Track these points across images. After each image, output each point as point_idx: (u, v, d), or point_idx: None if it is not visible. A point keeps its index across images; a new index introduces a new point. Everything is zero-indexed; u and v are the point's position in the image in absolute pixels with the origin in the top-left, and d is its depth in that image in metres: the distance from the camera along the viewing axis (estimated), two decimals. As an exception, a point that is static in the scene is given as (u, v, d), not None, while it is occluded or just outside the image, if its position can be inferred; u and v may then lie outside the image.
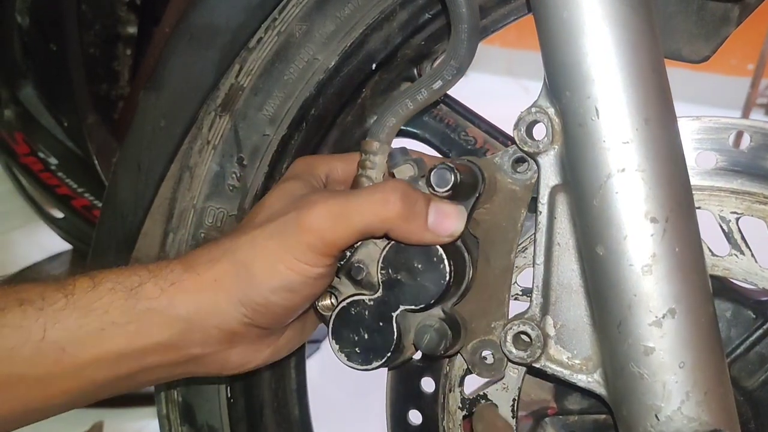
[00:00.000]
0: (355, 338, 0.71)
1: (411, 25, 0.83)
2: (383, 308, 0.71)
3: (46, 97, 1.04)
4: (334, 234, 0.68)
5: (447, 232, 0.69)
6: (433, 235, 0.69)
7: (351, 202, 0.69)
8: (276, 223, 0.70)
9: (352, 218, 0.68)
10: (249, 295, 0.69)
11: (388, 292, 0.71)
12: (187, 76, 0.85)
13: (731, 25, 0.74)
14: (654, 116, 0.60)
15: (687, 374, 0.60)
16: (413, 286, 0.70)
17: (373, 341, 0.71)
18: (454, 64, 0.73)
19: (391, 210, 0.67)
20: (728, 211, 0.70)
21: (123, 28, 1.00)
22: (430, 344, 0.71)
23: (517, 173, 0.74)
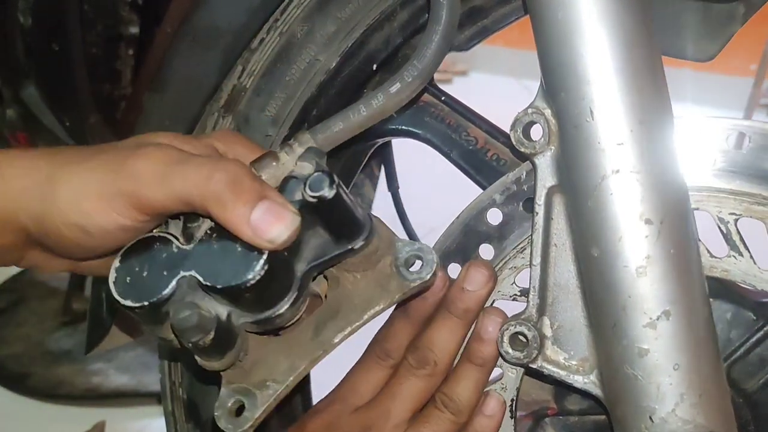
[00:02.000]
0: (136, 269, 0.64)
1: (411, 26, 0.83)
2: (178, 261, 0.63)
3: (49, 96, 1.04)
4: (150, 192, 0.61)
5: (267, 235, 0.60)
6: (251, 233, 0.60)
7: (180, 165, 0.61)
8: (106, 155, 0.64)
9: (174, 182, 0.61)
10: (43, 217, 0.63)
11: (195, 252, 0.63)
12: (190, 77, 0.86)
13: (736, 23, 0.74)
14: (649, 118, 0.60)
15: (681, 376, 0.60)
16: (218, 262, 0.62)
17: (146, 281, 0.63)
18: (416, 65, 0.70)
19: (211, 187, 0.60)
20: (727, 212, 0.69)
21: (125, 28, 1.01)
22: (184, 321, 0.61)
23: (406, 270, 0.68)
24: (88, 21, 0.98)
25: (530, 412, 0.83)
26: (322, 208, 0.63)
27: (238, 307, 0.64)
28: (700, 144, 0.71)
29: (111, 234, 0.63)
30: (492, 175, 0.85)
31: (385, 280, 0.68)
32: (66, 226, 0.63)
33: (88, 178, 0.63)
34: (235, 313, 0.64)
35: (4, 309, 2.38)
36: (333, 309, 0.69)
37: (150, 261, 0.64)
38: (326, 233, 0.65)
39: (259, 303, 0.64)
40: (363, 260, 0.68)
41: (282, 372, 0.67)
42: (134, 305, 0.63)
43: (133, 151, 0.63)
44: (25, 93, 1.03)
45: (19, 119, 1.06)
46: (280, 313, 0.65)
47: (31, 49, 0.99)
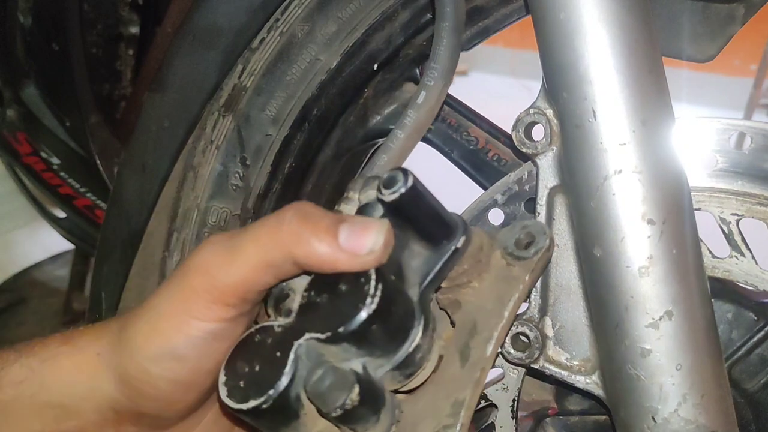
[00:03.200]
0: (245, 369, 0.55)
1: (412, 26, 0.83)
2: (287, 335, 0.55)
3: (49, 97, 1.04)
4: (226, 273, 0.54)
5: (364, 248, 0.54)
6: (348, 256, 0.53)
7: (244, 233, 0.55)
8: (167, 280, 0.57)
9: (247, 249, 0.54)
10: (126, 367, 0.55)
11: (300, 318, 0.56)
12: (191, 77, 0.86)
13: (736, 23, 0.74)
14: (651, 118, 0.60)
15: (684, 376, 0.60)
16: (329, 310, 0.55)
17: (261, 374, 0.55)
18: (434, 67, 0.68)
19: (285, 230, 0.53)
20: (729, 213, 0.69)
21: (125, 28, 1.00)
22: (320, 383, 0.53)
23: (522, 251, 0.62)
24: (88, 21, 0.98)
25: (531, 412, 0.83)
26: (406, 209, 0.57)
27: (370, 354, 0.56)
28: (701, 144, 0.71)
29: (200, 349, 0.55)
30: (493, 175, 0.85)
31: (505, 272, 0.62)
32: (152, 361, 0.54)
33: (157, 306, 0.56)
34: (370, 364, 0.57)
35: (4, 309, 2.37)
36: (468, 328, 0.61)
37: (257, 353, 0.56)
38: (423, 247, 0.60)
39: (389, 339, 0.56)
40: (473, 265, 0.61)
41: (449, 414, 0.57)
42: (259, 402, 0.53)
43: (188, 257, 0.56)
44: (25, 93, 1.03)
45: (19, 119, 1.06)
46: (416, 346, 0.57)
47: (31, 49, 0.99)
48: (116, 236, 0.94)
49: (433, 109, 0.71)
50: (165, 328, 0.54)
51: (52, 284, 2.41)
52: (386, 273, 0.56)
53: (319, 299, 0.56)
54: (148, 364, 0.55)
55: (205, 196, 0.89)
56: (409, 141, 0.71)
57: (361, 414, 0.55)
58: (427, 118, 0.71)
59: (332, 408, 0.53)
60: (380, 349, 0.56)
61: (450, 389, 0.59)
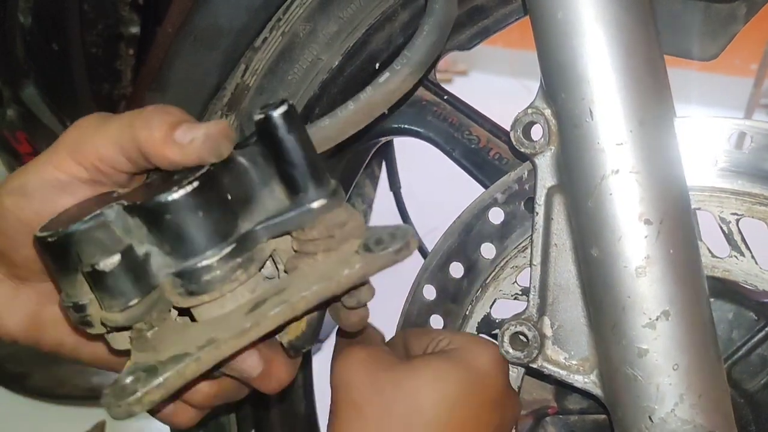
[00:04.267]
0: (67, 215, 0.59)
1: (413, 26, 0.83)
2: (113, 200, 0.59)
3: (49, 96, 1.04)
4: (87, 139, 0.59)
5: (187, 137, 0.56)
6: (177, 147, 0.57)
7: (114, 116, 0.60)
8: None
9: (110, 125, 0.59)
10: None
11: (132, 191, 0.61)
12: (192, 77, 0.86)
13: (739, 22, 0.74)
14: (649, 118, 0.60)
15: (681, 376, 0.60)
16: (149, 189, 0.58)
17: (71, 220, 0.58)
18: (406, 54, 0.67)
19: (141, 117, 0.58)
20: (728, 213, 0.69)
21: (125, 27, 1.00)
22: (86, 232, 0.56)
23: (369, 247, 0.59)
24: (88, 21, 0.98)
25: (531, 411, 0.83)
26: (272, 138, 0.57)
27: (159, 246, 0.56)
28: (701, 144, 0.70)
29: (48, 194, 0.59)
30: (494, 174, 0.85)
31: (347, 257, 0.59)
32: (7, 193, 0.60)
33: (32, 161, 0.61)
34: (156, 258, 0.57)
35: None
36: (279, 288, 0.59)
37: (84, 207, 0.58)
38: (283, 194, 0.59)
39: (179, 241, 0.56)
40: (325, 238, 0.59)
41: (198, 345, 0.56)
42: (45, 234, 0.56)
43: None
44: (24, 93, 1.03)
45: (18, 119, 1.06)
46: (206, 265, 0.56)
47: (31, 48, 0.99)
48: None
49: (392, 94, 0.69)
50: (27, 168, 0.60)
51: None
52: (222, 186, 0.56)
53: (155, 181, 0.59)
54: (3, 195, 0.60)
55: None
56: (357, 115, 0.69)
57: (111, 286, 0.55)
58: (383, 100, 0.69)
59: (86, 261, 0.54)
60: (169, 246, 0.56)
61: (219, 328, 0.57)
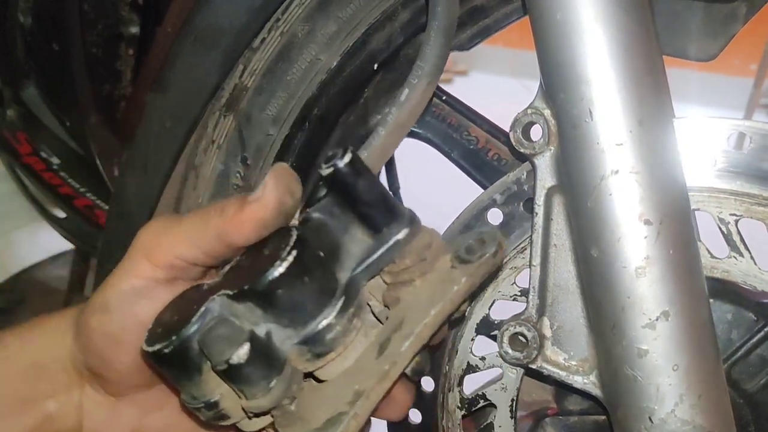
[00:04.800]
0: (166, 319, 0.59)
1: (412, 26, 0.83)
2: (209, 292, 0.58)
3: (49, 96, 1.04)
4: (160, 239, 0.60)
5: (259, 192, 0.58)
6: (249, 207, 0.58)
7: (190, 213, 0.63)
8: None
9: (182, 223, 0.60)
10: (78, 320, 0.62)
11: (224, 278, 0.59)
12: (192, 77, 0.86)
13: (738, 22, 0.74)
14: (648, 118, 0.60)
15: (681, 377, 0.60)
16: (246, 271, 0.57)
17: (175, 323, 0.57)
18: (420, 65, 0.68)
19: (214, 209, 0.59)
20: (727, 213, 0.69)
21: (125, 28, 1.00)
22: (210, 332, 0.55)
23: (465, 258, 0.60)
24: (88, 21, 0.98)
25: (531, 412, 0.83)
26: (344, 186, 0.58)
27: (277, 321, 0.56)
28: (700, 144, 0.70)
29: (127, 304, 0.60)
30: (493, 174, 0.85)
31: (447, 274, 0.59)
32: (90, 312, 0.61)
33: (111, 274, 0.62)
34: (277, 333, 0.57)
35: (4, 308, 2.38)
36: (395, 324, 0.59)
37: (180, 306, 0.59)
38: (365, 234, 0.60)
39: (297, 309, 0.56)
40: (417, 263, 0.60)
41: (348, 402, 0.56)
42: (162, 345, 0.55)
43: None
44: (25, 93, 1.03)
45: (19, 119, 1.06)
46: (327, 324, 0.56)
47: (32, 49, 0.99)
48: (118, 236, 0.94)
49: (417, 107, 0.70)
50: (106, 283, 0.61)
51: (52, 284, 2.42)
52: (312, 246, 0.57)
53: (244, 262, 0.58)
54: (88, 314, 0.60)
55: (207, 195, 0.89)
56: (390, 138, 0.70)
57: (248, 375, 0.55)
58: (410, 116, 0.70)
59: (218, 360, 0.54)
60: (287, 318, 0.56)
61: (357, 379, 0.58)
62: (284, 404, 0.58)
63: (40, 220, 1.43)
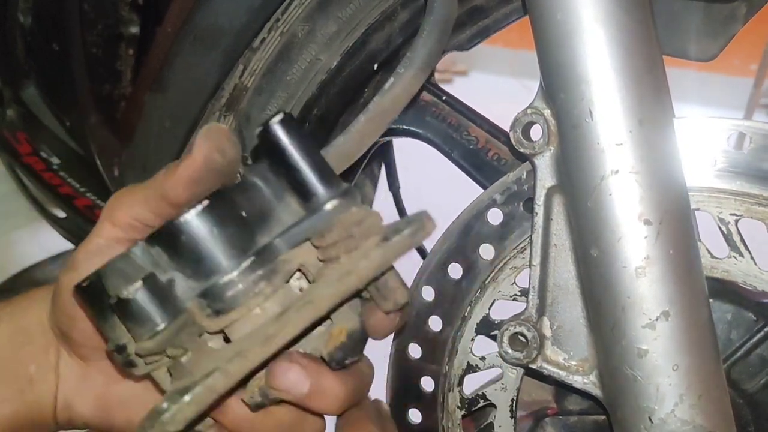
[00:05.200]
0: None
1: (412, 26, 0.83)
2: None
3: (49, 96, 1.05)
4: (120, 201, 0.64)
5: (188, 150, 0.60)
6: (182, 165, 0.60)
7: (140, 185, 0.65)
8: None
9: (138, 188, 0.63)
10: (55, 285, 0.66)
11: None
12: (192, 77, 0.86)
13: (738, 22, 0.74)
14: (649, 118, 0.60)
15: (681, 377, 0.60)
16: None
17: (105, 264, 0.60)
18: (409, 56, 0.68)
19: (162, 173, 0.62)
20: (727, 213, 0.69)
21: (125, 28, 1.00)
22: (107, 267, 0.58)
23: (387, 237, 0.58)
24: (88, 21, 0.98)
25: (530, 412, 0.83)
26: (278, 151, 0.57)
27: (181, 270, 0.57)
28: (700, 144, 0.70)
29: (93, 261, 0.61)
30: (493, 174, 0.85)
31: (367, 252, 0.58)
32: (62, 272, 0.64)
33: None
34: (181, 283, 0.57)
35: (5, 308, 2.37)
36: (305, 294, 0.58)
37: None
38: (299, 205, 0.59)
39: (201, 260, 0.56)
40: (345, 239, 0.58)
41: (226, 359, 0.55)
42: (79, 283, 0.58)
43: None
44: (25, 93, 1.04)
45: (19, 119, 1.06)
46: (228, 280, 0.56)
47: (31, 48, 0.99)
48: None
49: (401, 98, 0.70)
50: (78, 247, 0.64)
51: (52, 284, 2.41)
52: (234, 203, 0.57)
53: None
54: (61, 275, 0.64)
55: (207, 195, 0.89)
56: (370, 125, 0.70)
57: (137, 313, 0.55)
58: (393, 106, 0.70)
59: (111, 293, 0.55)
60: (190, 269, 0.57)
61: (246, 342, 0.56)
62: (176, 354, 0.58)
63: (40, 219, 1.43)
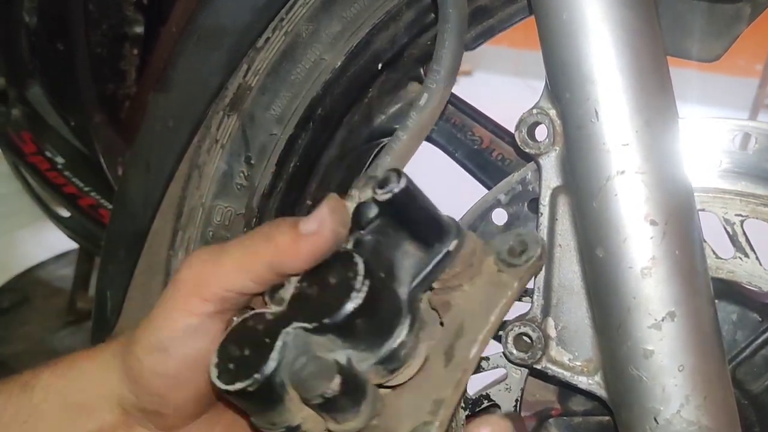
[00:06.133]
0: (235, 353, 0.58)
1: (417, 25, 0.83)
2: (277, 323, 0.58)
3: (53, 96, 1.05)
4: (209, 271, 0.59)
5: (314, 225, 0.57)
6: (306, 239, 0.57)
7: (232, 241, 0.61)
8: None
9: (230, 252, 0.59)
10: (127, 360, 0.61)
11: (291, 307, 0.59)
12: (195, 76, 0.86)
13: (743, 23, 0.73)
14: (655, 118, 0.60)
15: (686, 378, 0.60)
16: (316, 301, 0.58)
17: (250, 358, 0.57)
18: (436, 69, 0.70)
19: (260, 235, 0.59)
20: (733, 214, 0.69)
21: (130, 27, 1.00)
22: (303, 370, 0.56)
23: (513, 258, 0.62)
24: (92, 21, 0.98)
25: (534, 413, 0.83)
26: (399, 209, 0.59)
27: (355, 347, 0.58)
28: (705, 145, 0.70)
29: (184, 342, 0.59)
30: (497, 174, 0.85)
31: (495, 278, 0.62)
32: (145, 353, 0.59)
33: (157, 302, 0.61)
34: (355, 357, 0.58)
35: (8, 308, 2.38)
36: (455, 330, 0.62)
37: (247, 339, 0.58)
38: (416, 248, 0.61)
39: (374, 334, 0.58)
40: (464, 269, 0.62)
41: (429, 412, 0.58)
42: (245, 384, 0.56)
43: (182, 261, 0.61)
44: (30, 92, 1.04)
45: (24, 119, 1.06)
46: (401, 342, 0.59)
47: (36, 48, 1.00)
48: (121, 235, 0.94)
49: (436, 111, 0.72)
50: (156, 321, 0.60)
51: (56, 283, 2.42)
52: (375, 269, 0.57)
53: (309, 290, 0.59)
54: (141, 355, 0.59)
55: (210, 195, 0.89)
56: (411, 142, 0.72)
57: (341, 404, 0.57)
58: (429, 120, 0.72)
59: (313, 396, 0.55)
60: (365, 343, 0.58)
61: (432, 388, 0.60)
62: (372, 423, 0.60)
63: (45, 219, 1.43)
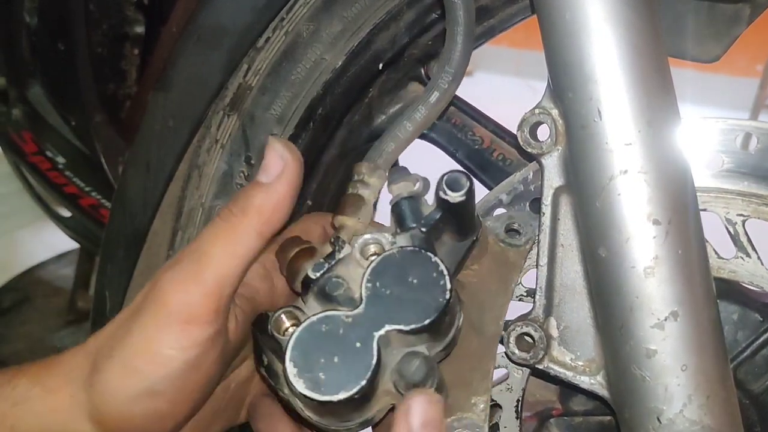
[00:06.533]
0: (321, 361, 0.56)
1: (418, 25, 0.83)
2: (365, 326, 0.57)
3: (54, 96, 1.05)
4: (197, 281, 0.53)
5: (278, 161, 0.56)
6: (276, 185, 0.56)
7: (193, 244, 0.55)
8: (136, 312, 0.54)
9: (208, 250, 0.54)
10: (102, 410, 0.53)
11: (372, 309, 0.58)
12: (195, 76, 0.86)
13: (742, 24, 0.74)
14: (657, 118, 0.60)
15: (689, 377, 0.60)
16: (403, 302, 0.58)
17: (347, 365, 0.56)
18: (449, 70, 0.71)
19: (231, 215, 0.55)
20: (734, 214, 0.69)
21: (130, 27, 1.00)
22: (418, 373, 0.57)
23: (512, 238, 0.71)
24: (93, 21, 0.98)
25: (535, 413, 0.83)
26: (461, 209, 0.63)
27: (435, 339, 0.60)
28: (707, 145, 0.70)
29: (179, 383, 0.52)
30: (498, 174, 0.85)
31: (502, 256, 0.70)
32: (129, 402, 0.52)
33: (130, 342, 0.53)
34: (430, 348, 0.61)
35: (8, 307, 2.38)
36: (478, 306, 0.69)
37: (330, 344, 0.57)
38: (451, 238, 0.65)
39: (449, 324, 0.62)
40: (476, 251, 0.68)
41: (478, 384, 0.67)
42: (354, 392, 0.55)
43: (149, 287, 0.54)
44: (30, 92, 1.03)
45: (24, 118, 1.06)
46: (460, 326, 0.64)
47: (37, 48, 0.99)
48: (120, 235, 0.94)
49: (441, 109, 0.75)
50: (140, 366, 0.52)
51: (56, 283, 2.41)
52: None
53: (389, 291, 0.58)
54: (127, 405, 0.52)
55: (210, 195, 0.89)
56: (413, 134, 0.75)
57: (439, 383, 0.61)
58: (434, 117, 0.75)
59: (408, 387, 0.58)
60: (441, 335, 0.61)
61: (474, 362, 0.67)
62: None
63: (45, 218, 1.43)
